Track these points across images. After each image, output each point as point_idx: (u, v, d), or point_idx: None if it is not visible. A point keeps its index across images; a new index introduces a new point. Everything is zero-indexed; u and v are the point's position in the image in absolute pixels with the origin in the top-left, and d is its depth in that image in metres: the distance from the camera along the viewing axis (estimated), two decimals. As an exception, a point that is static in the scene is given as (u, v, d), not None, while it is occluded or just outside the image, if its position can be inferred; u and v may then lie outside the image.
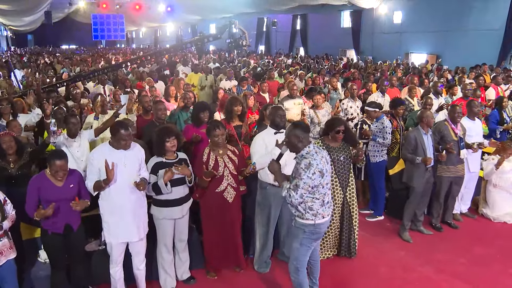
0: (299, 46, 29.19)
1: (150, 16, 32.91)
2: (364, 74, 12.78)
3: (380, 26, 22.78)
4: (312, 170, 3.64)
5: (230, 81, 10.06)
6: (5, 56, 23.95)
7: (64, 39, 48.67)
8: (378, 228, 6.10)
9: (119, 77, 11.00)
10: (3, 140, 4.60)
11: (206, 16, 32.67)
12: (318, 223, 3.83)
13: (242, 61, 18.05)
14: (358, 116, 7.26)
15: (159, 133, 4.32)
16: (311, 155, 3.70)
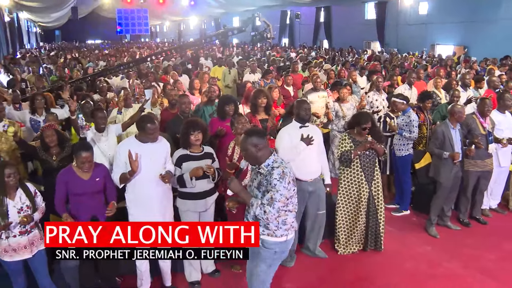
0: (323, 38, 28.92)
1: (173, 10, 33.13)
2: (389, 67, 12.60)
3: (405, 18, 22.37)
4: (287, 179, 3.26)
5: (254, 74, 10.05)
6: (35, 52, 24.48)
7: (89, 34, 49.45)
8: (403, 223, 6.02)
9: (143, 71, 11.10)
10: (45, 133, 4.74)
11: (229, 9, 32.68)
12: (290, 238, 3.46)
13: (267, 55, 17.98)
14: (383, 109, 7.17)
15: (185, 126, 4.35)
16: (281, 162, 3.35)
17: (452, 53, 18.14)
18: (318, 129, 5.08)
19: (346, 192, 5.12)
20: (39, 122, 6.06)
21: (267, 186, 3.27)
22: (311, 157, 4.73)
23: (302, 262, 5.04)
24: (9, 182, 3.81)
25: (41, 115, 6.20)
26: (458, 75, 9.84)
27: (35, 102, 6.22)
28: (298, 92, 9.21)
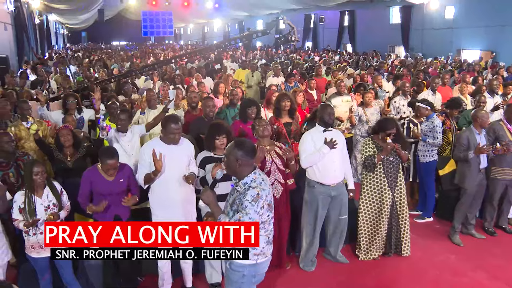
0: (347, 42, 28.74)
1: (198, 13, 33.38)
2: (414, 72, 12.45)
3: (431, 22, 22.03)
4: (260, 204, 3.03)
5: (277, 77, 10.07)
6: (62, 53, 25.01)
7: (115, 35, 50.17)
8: (426, 230, 5.94)
9: (167, 72, 11.22)
10: (61, 133, 4.86)
11: (253, 13, 32.74)
12: (260, 262, 3.22)
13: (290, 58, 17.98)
14: (410, 114, 7.10)
15: (210, 129, 4.39)
16: (259, 183, 3.09)
17: (478, 58, 17.81)
18: (341, 134, 5.06)
19: (368, 197, 5.09)
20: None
21: (239, 205, 3.08)
22: (334, 161, 4.71)
23: (323, 267, 5.02)
24: (37, 180, 3.90)
25: (73, 115, 6.30)
26: (484, 81, 9.66)
27: (67, 102, 6.34)
28: (321, 96, 9.18)
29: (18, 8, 16.68)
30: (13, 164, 4.64)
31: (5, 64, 13.36)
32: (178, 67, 13.18)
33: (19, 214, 3.87)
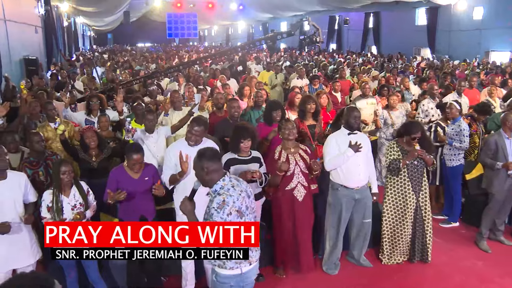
0: (371, 44, 28.44)
1: (222, 14, 33.56)
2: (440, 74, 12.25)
3: (458, 23, 21.58)
4: (227, 210, 2.97)
5: (301, 79, 10.04)
6: (89, 54, 25.48)
7: (140, 37, 50.53)
8: (452, 235, 5.84)
9: (191, 74, 11.31)
10: (86, 135, 4.94)
11: (277, 14, 32.72)
12: (246, 271, 3.14)
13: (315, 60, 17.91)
14: (439, 117, 7.00)
15: (235, 132, 4.42)
16: (226, 190, 3.05)
17: (508, 60, 17.36)
18: (366, 137, 5.03)
19: (392, 201, 5.04)
20: (94, 123, 6.27)
21: (208, 213, 3.05)
22: (358, 165, 4.69)
23: (346, 270, 4.99)
24: (64, 179, 3.97)
25: (96, 116, 6.39)
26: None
27: (90, 103, 6.45)
28: (346, 99, 9.12)
29: (48, 11, 17.08)
30: (43, 163, 4.75)
31: (34, 66, 13.69)
32: (202, 68, 13.28)
33: (47, 212, 3.95)
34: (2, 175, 3.85)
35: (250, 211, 3.16)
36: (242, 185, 3.18)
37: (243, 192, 3.12)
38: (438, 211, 6.38)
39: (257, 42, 11.53)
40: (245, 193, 3.14)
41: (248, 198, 3.16)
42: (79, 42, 32.54)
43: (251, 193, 3.25)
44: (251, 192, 3.25)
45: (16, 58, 12.92)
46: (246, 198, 3.14)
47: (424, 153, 4.84)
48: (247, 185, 3.27)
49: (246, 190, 3.18)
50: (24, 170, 4.56)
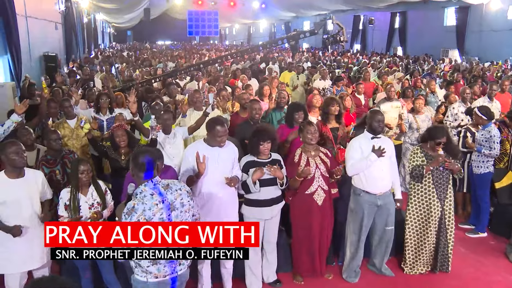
0: (397, 45, 27.97)
1: (243, 13, 33.51)
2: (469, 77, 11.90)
3: (490, 23, 20.87)
4: (134, 218, 2.88)
5: (324, 80, 9.86)
6: (108, 52, 25.64)
7: (160, 35, 50.54)
8: (480, 246, 5.59)
9: (211, 73, 11.23)
10: (116, 133, 4.87)
11: (300, 13, 32.52)
12: (151, 282, 3.05)
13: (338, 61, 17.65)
14: (468, 123, 6.76)
15: (255, 134, 4.32)
16: (142, 196, 2.96)
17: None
18: (390, 141, 4.87)
19: (416, 208, 4.86)
20: (102, 121, 6.25)
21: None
22: (381, 170, 4.54)
23: (366, 278, 4.84)
24: (82, 178, 3.95)
25: (105, 114, 6.36)
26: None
27: (100, 101, 6.40)
28: (369, 101, 8.91)
29: (68, 8, 17.26)
30: (60, 161, 4.72)
31: (54, 63, 13.82)
32: (223, 68, 13.19)
33: (64, 210, 3.93)
34: (20, 173, 3.83)
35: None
36: (169, 195, 3.01)
37: (161, 204, 2.96)
38: (464, 219, 6.15)
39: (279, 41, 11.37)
40: (165, 206, 2.97)
41: (169, 211, 2.98)
42: (99, 39, 32.70)
43: (182, 205, 3.06)
44: (181, 204, 3.05)
45: (36, 54, 13.06)
46: (166, 210, 2.97)
47: (451, 163, 4.63)
48: (184, 198, 3.08)
49: (173, 202, 3.01)
50: (41, 168, 4.54)
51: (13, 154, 3.71)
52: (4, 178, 3.77)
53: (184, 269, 3.17)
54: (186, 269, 3.20)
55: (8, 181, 3.76)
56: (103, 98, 6.43)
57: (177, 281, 3.14)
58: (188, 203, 3.12)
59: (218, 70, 12.69)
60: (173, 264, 3.07)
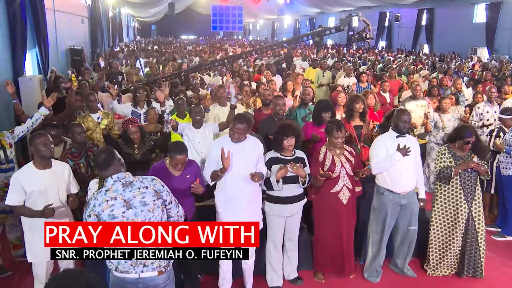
0: (423, 43, 27.41)
1: (268, 8, 33.36)
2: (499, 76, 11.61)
3: (524, 20, 20.23)
4: (87, 211, 2.93)
5: (349, 78, 9.76)
6: (132, 45, 25.81)
7: (184, 29, 50.52)
8: (506, 249, 5.46)
9: (235, 69, 11.21)
10: (129, 131, 4.91)
11: (325, 9, 32.24)
12: (117, 276, 3.03)
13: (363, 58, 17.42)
14: (495, 122, 6.60)
15: (279, 130, 4.31)
16: (98, 191, 2.99)
17: None
18: (415, 140, 4.79)
19: (442, 209, 4.77)
20: (140, 115, 6.28)
21: None
22: (406, 169, 4.48)
23: (388, 278, 4.79)
24: None
25: (143, 107, 6.39)
26: None
27: (137, 95, 6.45)
28: (394, 99, 8.78)
29: (95, 1, 17.47)
30: (84, 154, 4.78)
31: (80, 56, 14.01)
32: (246, 63, 13.16)
33: None
34: (47, 163, 3.91)
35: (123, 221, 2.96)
36: (127, 193, 2.98)
37: (112, 201, 2.94)
38: (491, 222, 6.01)
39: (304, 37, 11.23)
40: (118, 203, 2.95)
41: (123, 208, 2.95)
42: (123, 33, 33.01)
43: (143, 204, 3.00)
44: (142, 203, 3.00)
45: (63, 47, 13.25)
46: (119, 208, 2.94)
47: (478, 164, 4.53)
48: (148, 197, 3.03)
49: (129, 200, 2.97)
50: (65, 161, 4.60)
51: (41, 145, 3.80)
52: (32, 169, 3.86)
53: (150, 271, 3.04)
54: (152, 272, 3.05)
55: (36, 172, 3.85)
56: (140, 91, 6.47)
57: (141, 284, 3.04)
58: (153, 203, 3.05)
59: (242, 65, 12.68)
60: (131, 262, 2.99)
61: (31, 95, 7.88)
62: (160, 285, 3.10)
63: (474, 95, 7.97)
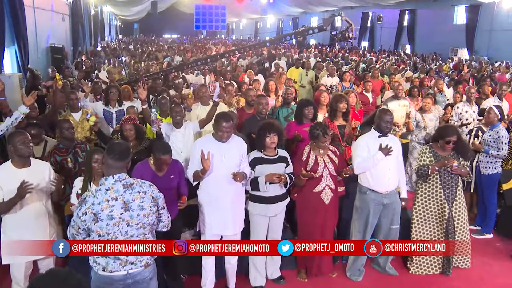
0: (405, 43, 27.75)
1: (251, 8, 33.36)
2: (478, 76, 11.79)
3: (501, 22, 20.50)
4: (83, 209, 2.88)
5: (332, 77, 9.79)
6: (114, 44, 25.57)
7: (166, 28, 50.07)
8: (486, 248, 5.54)
9: (218, 68, 11.16)
10: (125, 127, 4.86)
11: (308, 9, 32.38)
12: (101, 274, 3.02)
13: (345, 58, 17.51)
14: (473, 122, 6.70)
15: (261, 128, 4.30)
16: (97, 190, 2.94)
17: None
18: (397, 140, 4.83)
19: (422, 208, 4.83)
20: (112, 114, 6.21)
21: None
22: (388, 169, 4.52)
23: (370, 277, 4.82)
24: (95, 167, 3.94)
25: (114, 106, 6.31)
26: None
27: (109, 93, 6.35)
28: (377, 99, 8.85)
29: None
30: (72, 150, 4.76)
31: (60, 54, 13.80)
32: (229, 63, 13.10)
33: (76, 199, 3.90)
34: (26, 162, 3.83)
35: (120, 223, 2.95)
36: (127, 195, 2.95)
37: (113, 201, 2.92)
38: (470, 221, 6.06)
39: (287, 36, 11.24)
40: (118, 204, 2.93)
41: (121, 209, 2.93)
42: (105, 31, 32.62)
43: (141, 208, 2.99)
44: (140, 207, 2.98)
45: (43, 45, 13.05)
46: (118, 209, 2.92)
47: (458, 168, 4.56)
48: (146, 202, 3.01)
49: (129, 202, 2.95)
50: (53, 156, 4.62)
51: (19, 143, 3.72)
52: (11, 167, 3.78)
53: (137, 269, 3.06)
54: (140, 269, 3.07)
55: (14, 170, 3.76)
56: (112, 90, 6.38)
57: (129, 279, 3.04)
58: (149, 208, 3.03)
59: (225, 65, 12.63)
60: (120, 261, 3.00)
61: (10, 93, 7.71)
62: (147, 277, 3.13)
63: (453, 95, 8.09)
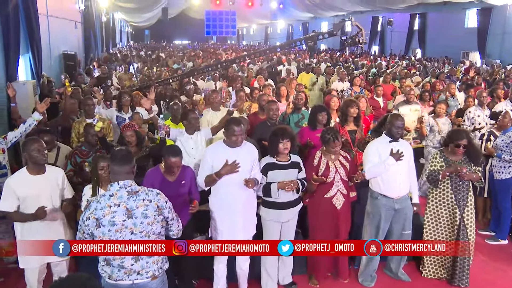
0: (416, 47, 27.61)
1: (261, 13, 33.46)
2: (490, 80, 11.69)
3: (514, 25, 20.43)
4: (87, 213, 2.92)
5: (343, 82, 9.78)
6: (125, 50, 25.75)
7: (177, 34, 50.49)
8: (500, 253, 5.47)
9: (229, 74, 11.22)
10: (125, 133, 4.91)
11: (318, 14, 32.38)
12: (107, 282, 3.04)
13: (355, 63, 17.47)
14: (486, 126, 6.64)
15: (273, 134, 4.30)
16: (101, 195, 2.97)
17: None
18: (408, 145, 4.81)
19: (434, 213, 4.79)
20: (125, 120, 6.26)
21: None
22: (399, 174, 4.50)
23: (383, 283, 4.79)
24: (102, 174, 3.99)
25: (127, 112, 6.39)
26: None
27: (121, 100, 6.44)
28: (388, 104, 8.82)
29: (88, 7, 17.42)
30: (92, 154, 4.85)
31: (73, 61, 13.95)
32: (240, 68, 13.15)
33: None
34: (40, 169, 3.88)
35: (123, 231, 2.95)
36: (131, 202, 2.95)
37: (115, 207, 2.92)
38: (484, 226, 6.04)
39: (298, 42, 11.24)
40: (120, 210, 2.93)
41: (124, 216, 2.93)
42: (117, 37, 32.84)
43: (144, 216, 2.98)
44: (143, 215, 2.98)
45: (56, 53, 13.19)
46: (120, 215, 2.93)
47: (468, 174, 4.52)
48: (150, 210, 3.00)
49: (132, 209, 2.95)
50: (74, 157, 4.77)
51: (34, 151, 3.77)
52: (26, 174, 3.83)
53: (143, 280, 3.04)
54: (146, 280, 3.05)
55: (29, 177, 3.82)
56: (124, 96, 6.47)
57: None
58: (153, 217, 3.02)
59: (236, 70, 12.67)
60: (125, 270, 3.00)
61: (24, 100, 7.84)
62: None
63: (465, 99, 8.04)
